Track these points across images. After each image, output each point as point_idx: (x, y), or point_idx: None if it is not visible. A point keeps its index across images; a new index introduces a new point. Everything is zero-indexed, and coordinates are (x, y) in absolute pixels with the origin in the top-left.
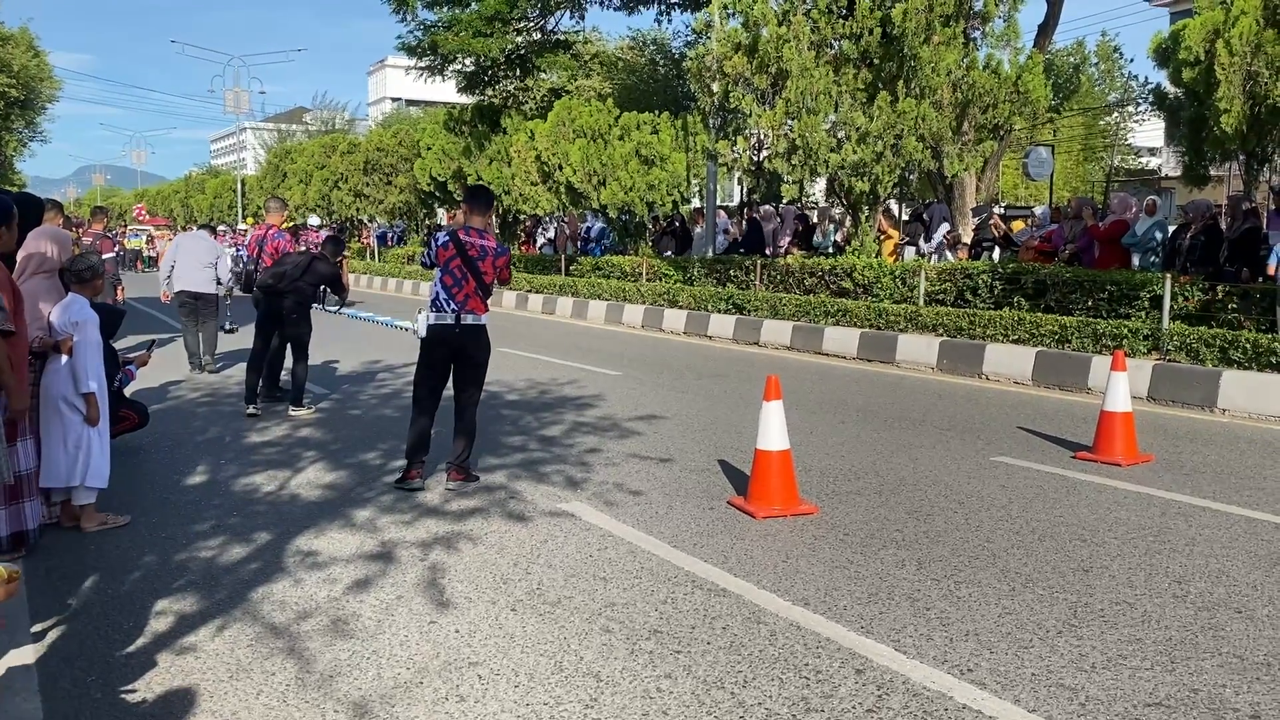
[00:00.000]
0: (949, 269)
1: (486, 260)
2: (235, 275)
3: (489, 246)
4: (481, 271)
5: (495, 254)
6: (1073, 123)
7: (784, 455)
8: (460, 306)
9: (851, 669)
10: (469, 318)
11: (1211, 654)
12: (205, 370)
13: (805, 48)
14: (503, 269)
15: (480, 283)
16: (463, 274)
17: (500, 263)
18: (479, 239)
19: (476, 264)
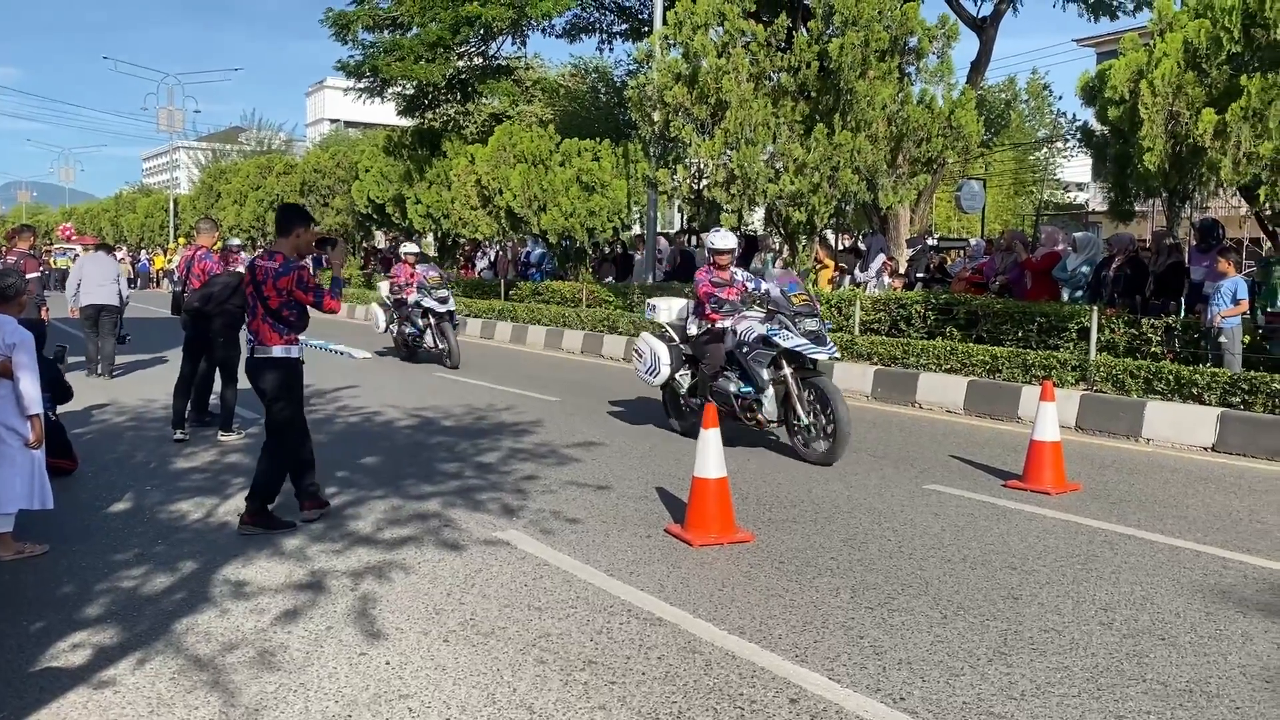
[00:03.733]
0: (883, 299)
1: (268, 284)
2: None
3: (272, 268)
4: (265, 296)
5: (276, 274)
6: (1004, 157)
7: (721, 483)
8: (254, 337)
9: (786, 698)
10: (258, 350)
11: (1136, 681)
12: (107, 376)
13: (744, 79)
14: (288, 290)
15: (267, 309)
16: (254, 301)
17: (282, 284)
18: (268, 261)
19: (261, 288)
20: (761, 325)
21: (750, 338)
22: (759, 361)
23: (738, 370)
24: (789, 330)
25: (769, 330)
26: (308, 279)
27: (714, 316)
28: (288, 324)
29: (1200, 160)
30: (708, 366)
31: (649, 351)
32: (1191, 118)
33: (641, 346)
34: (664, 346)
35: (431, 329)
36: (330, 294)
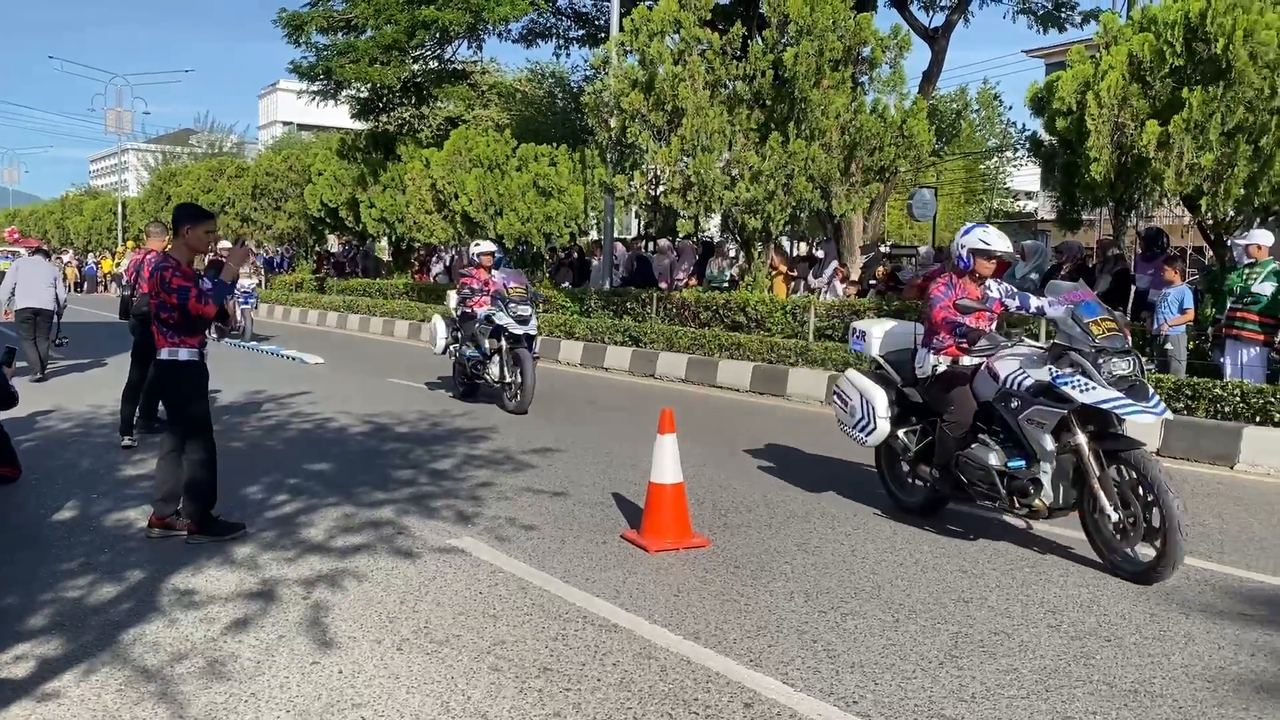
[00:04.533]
0: (838, 305)
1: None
2: None
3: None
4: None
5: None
6: (954, 166)
7: (677, 488)
8: None
9: (741, 703)
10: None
11: (1083, 682)
12: (40, 377)
13: (700, 87)
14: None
15: (155, 314)
16: None
17: (152, 284)
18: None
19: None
20: (1042, 367)
21: (1023, 386)
22: (1038, 423)
23: (1000, 432)
24: (1090, 377)
25: (1057, 377)
26: (170, 278)
27: (956, 351)
28: (168, 326)
29: (1145, 170)
30: (952, 425)
31: (859, 397)
32: (1136, 129)
33: (847, 389)
34: (880, 392)
35: (502, 356)
36: (198, 296)
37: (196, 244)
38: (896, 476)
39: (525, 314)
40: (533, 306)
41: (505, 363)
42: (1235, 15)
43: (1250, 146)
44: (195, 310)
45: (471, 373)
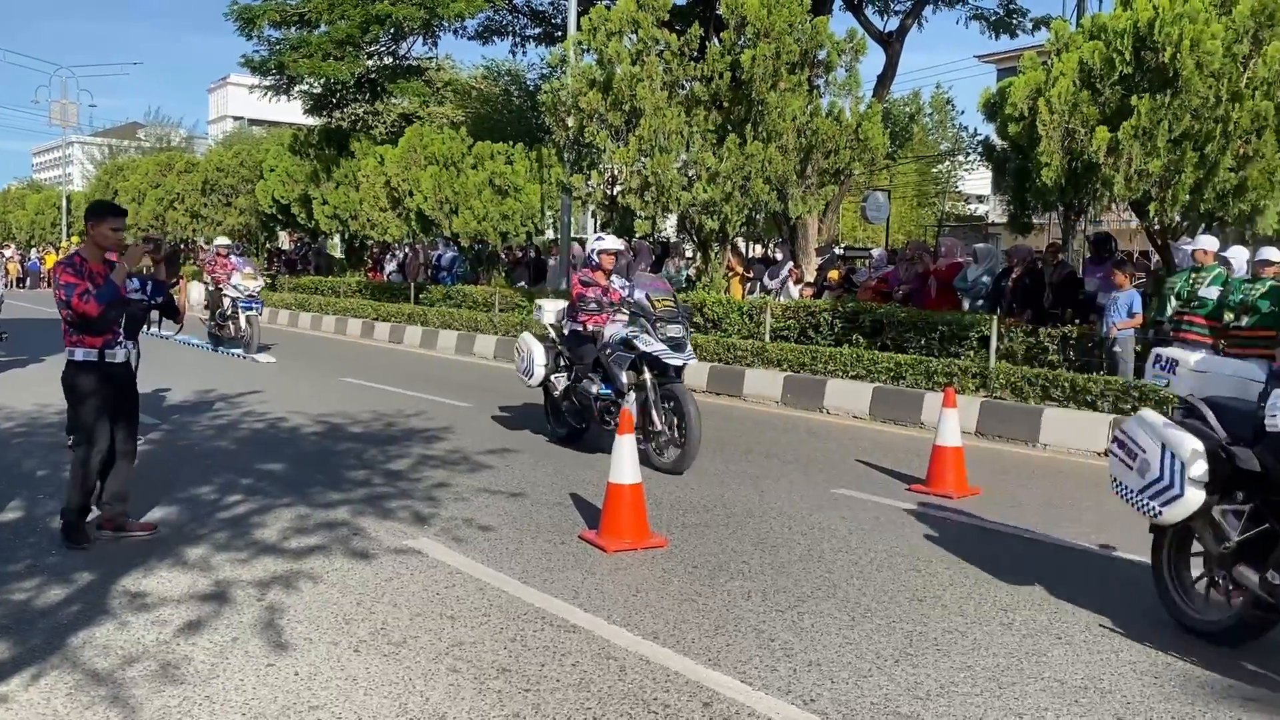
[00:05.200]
0: (793, 306)
1: None
2: None
3: None
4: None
5: None
6: (907, 169)
7: (635, 488)
8: None
9: (699, 702)
10: None
11: (1035, 679)
12: None
13: (658, 88)
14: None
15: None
16: None
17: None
18: None
19: None
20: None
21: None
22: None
23: (602, 373)
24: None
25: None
26: (60, 274)
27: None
28: (67, 323)
29: (1094, 176)
30: (578, 368)
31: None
32: (1086, 135)
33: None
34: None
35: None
36: (81, 294)
37: (102, 240)
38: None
39: (679, 335)
40: (686, 326)
41: (655, 404)
42: (1182, 25)
43: (1196, 154)
44: (78, 307)
45: (601, 417)
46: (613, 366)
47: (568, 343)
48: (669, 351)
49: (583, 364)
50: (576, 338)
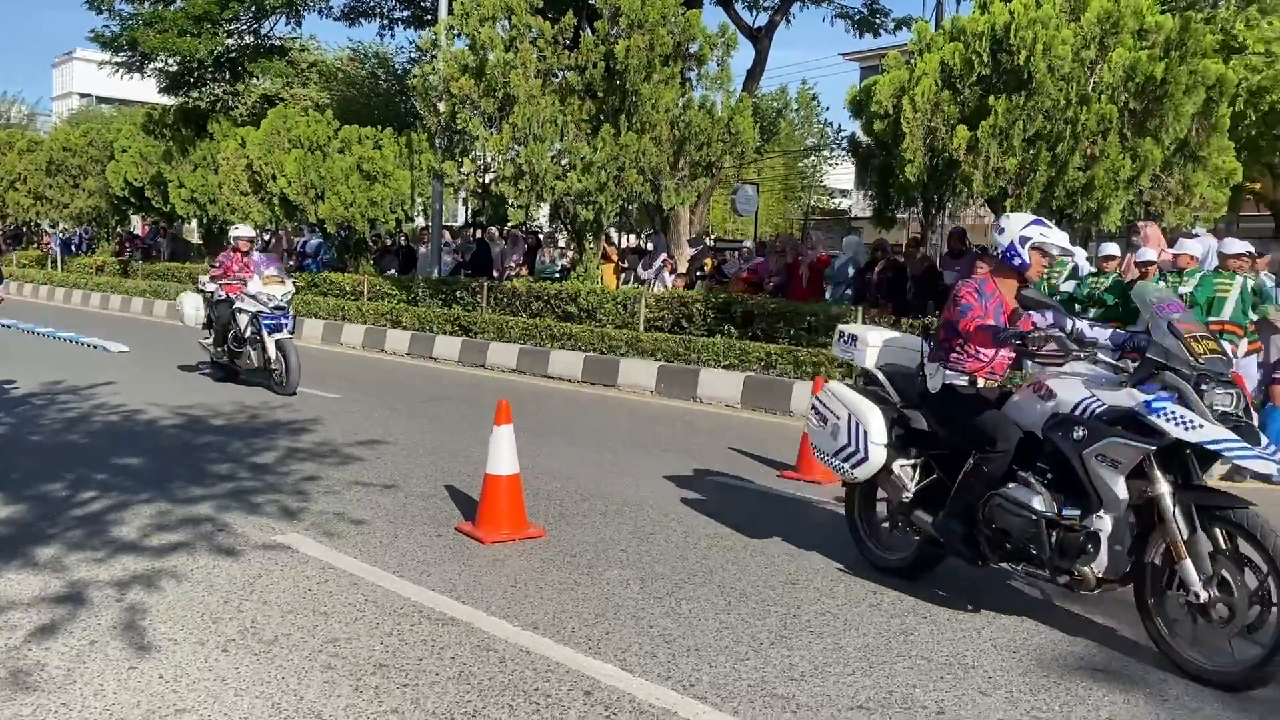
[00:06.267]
0: (667, 297)
1: None
2: None
3: None
4: None
5: None
6: (775, 163)
7: (513, 479)
8: None
9: (580, 691)
10: None
11: (903, 657)
12: None
13: (532, 75)
14: None
15: None
16: None
17: None
18: None
19: None
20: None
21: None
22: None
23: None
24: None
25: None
26: None
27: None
28: None
29: (955, 173)
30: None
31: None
32: (947, 133)
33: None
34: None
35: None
36: None
37: None
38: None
39: None
40: None
41: None
42: (1035, 30)
43: (1049, 153)
44: None
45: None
46: (1098, 467)
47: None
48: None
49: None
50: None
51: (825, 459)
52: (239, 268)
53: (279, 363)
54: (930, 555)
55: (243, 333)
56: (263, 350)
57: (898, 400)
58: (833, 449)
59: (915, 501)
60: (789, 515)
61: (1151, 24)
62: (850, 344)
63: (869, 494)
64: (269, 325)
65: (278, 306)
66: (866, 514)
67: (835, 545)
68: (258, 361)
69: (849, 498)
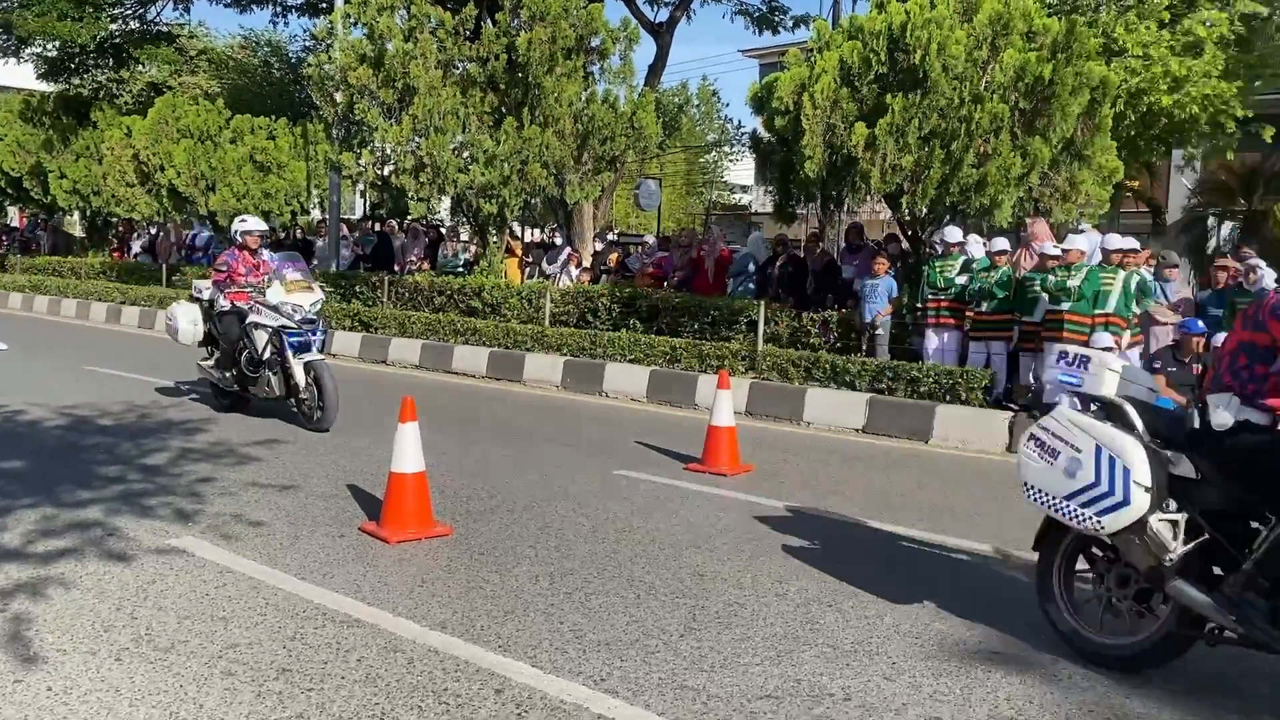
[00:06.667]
0: (572, 291)
1: None
2: None
3: None
4: None
5: None
6: (677, 159)
7: (419, 477)
8: None
9: (491, 689)
10: None
11: (810, 645)
12: None
13: (432, 66)
14: None
15: None
16: None
17: None
18: None
19: None
20: None
21: None
22: None
23: None
24: None
25: None
26: None
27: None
28: None
29: (853, 169)
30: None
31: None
32: (846, 130)
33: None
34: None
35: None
36: None
37: None
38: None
39: None
40: None
41: None
42: (930, 30)
43: (944, 151)
44: None
45: None
46: None
47: None
48: None
49: None
50: None
51: (1051, 503)
52: (247, 270)
53: (310, 390)
54: (1180, 640)
55: (259, 353)
56: (285, 375)
57: (1148, 438)
58: (1067, 490)
59: (1184, 567)
60: (695, 507)
61: (1039, 26)
62: (1080, 367)
63: (1075, 552)
64: (296, 344)
65: (306, 320)
66: (1068, 578)
67: (741, 536)
68: (279, 389)
69: (1045, 556)
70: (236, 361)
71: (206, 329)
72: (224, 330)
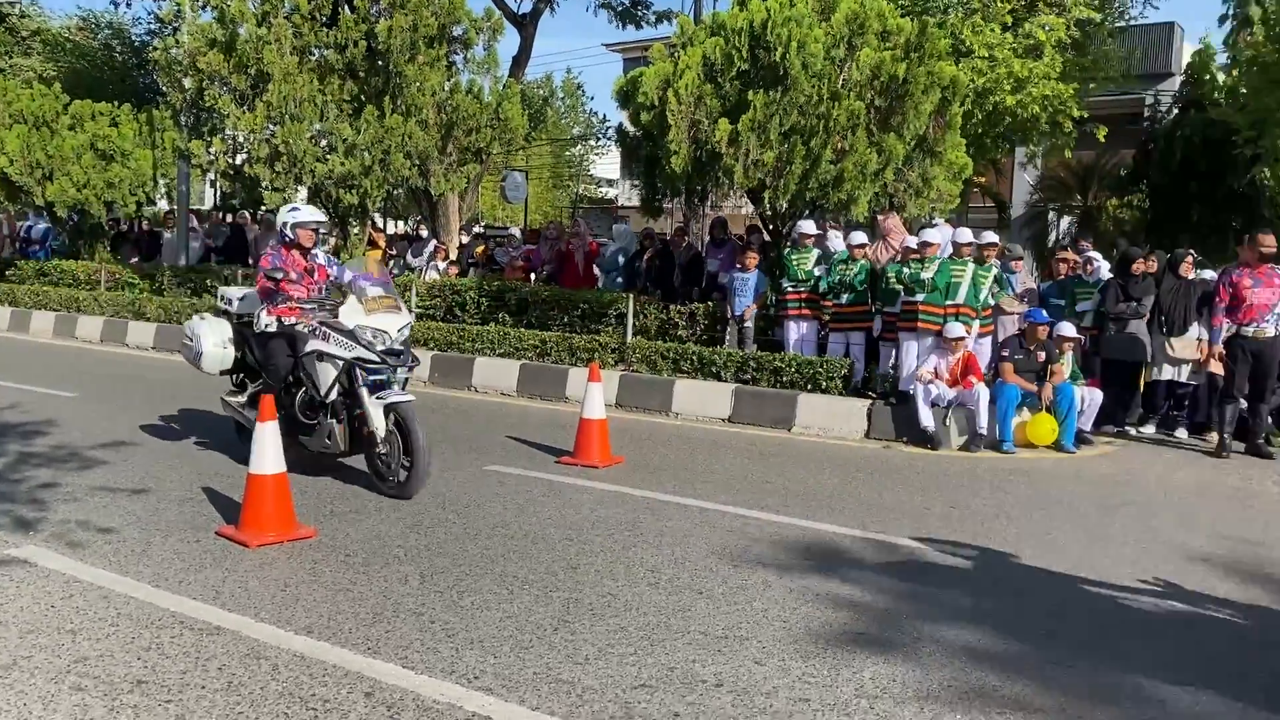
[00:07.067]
0: (439, 285)
1: None
2: None
3: None
4: None
5: None
6: (543, 151)
7: (279, 478)
8: None
9: (361, 693)
10: None
11: (682, 634)
12: None
13: (287, 52)
14: None
15: None
16: None
17: None
18: None
19: None
20: None
21: None
22: None
23: None
24: None
25: None
26: None
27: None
28: None
29: (718, 165)
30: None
31: None
32: (710, 126)
33: None
34: None
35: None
36: None
37: None
38: None
39: None
40: None
41: None
42: (790, 28)
43: (804, 147)
44: None
45: None
46: None
47: None
48: None
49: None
50: None
51: None
52: (298, 276)
53: (391, 442)
54: None
55: (322, 393)
56: (353, 422)
57: None
58: None
59: None
60: (568, 501)
61: (894, 26)
62: None
63: None
64: (376, 381)
65: (391, 350)
66: None
67: (613, 527)
68: (343, 443)
69: None
70: (290, 400)
71: (237, 355)
72: (269, 358)
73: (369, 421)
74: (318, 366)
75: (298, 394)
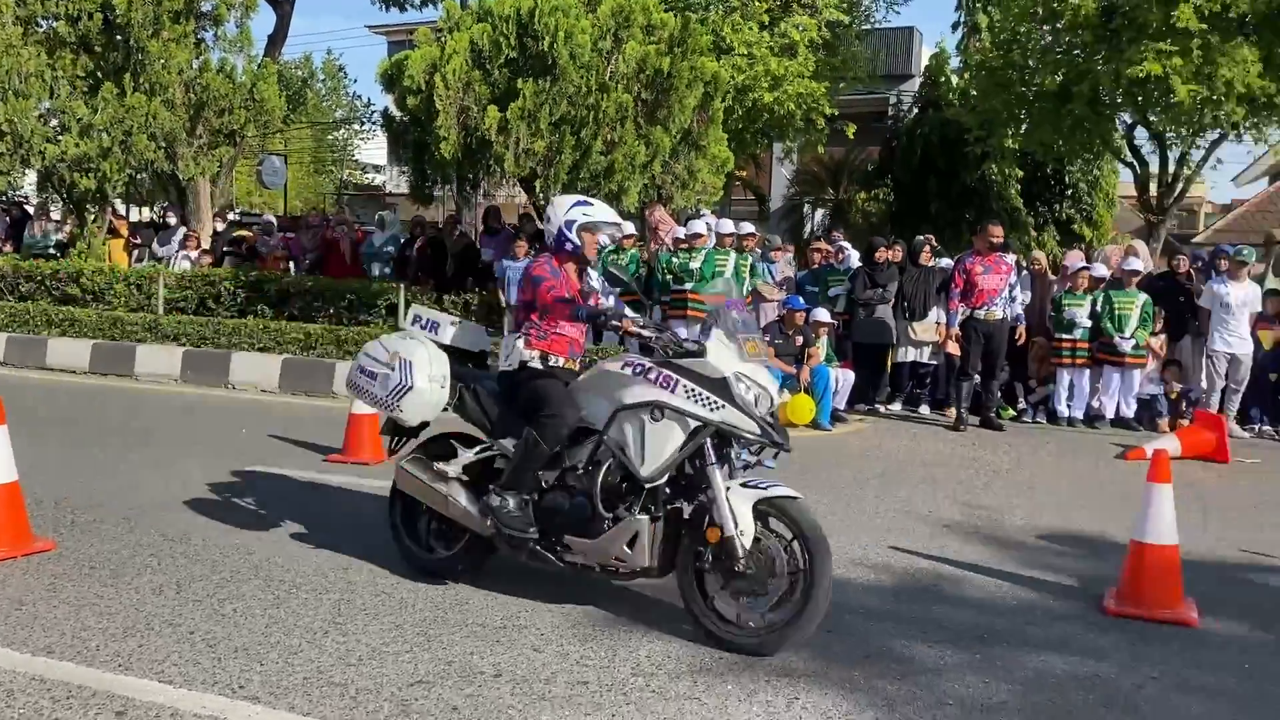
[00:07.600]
0: (190, 276)
1: None
2: None
3: None
4: None
5: None
6: (303, 135)
7: (11, 488)
8: None
9: (111, 713)
10: None
11: (460, 626)
12: None
13: (10, 23)
14: None
15: None
16: None
17: None
18: None
19: None
20: None
21: None
22: None
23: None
24: None
25: None
26: None
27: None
28: None
29: (488, 152)
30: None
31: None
32: (479, 113)
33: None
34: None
35: None
36: None
37: None
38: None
39: None
40: None
41: None
42: (557, 18)
43: (574, 137)
44: None
45: None
46: None
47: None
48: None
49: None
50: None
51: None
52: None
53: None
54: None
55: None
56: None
57: None
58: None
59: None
60: (338, 499)
61: (658, 21)
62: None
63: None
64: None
65: (768, 421)
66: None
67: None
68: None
69: None
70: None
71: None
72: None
73: (720, 520)
74: (649, 428)
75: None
